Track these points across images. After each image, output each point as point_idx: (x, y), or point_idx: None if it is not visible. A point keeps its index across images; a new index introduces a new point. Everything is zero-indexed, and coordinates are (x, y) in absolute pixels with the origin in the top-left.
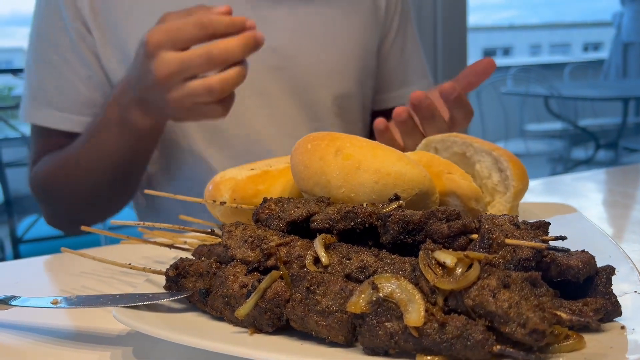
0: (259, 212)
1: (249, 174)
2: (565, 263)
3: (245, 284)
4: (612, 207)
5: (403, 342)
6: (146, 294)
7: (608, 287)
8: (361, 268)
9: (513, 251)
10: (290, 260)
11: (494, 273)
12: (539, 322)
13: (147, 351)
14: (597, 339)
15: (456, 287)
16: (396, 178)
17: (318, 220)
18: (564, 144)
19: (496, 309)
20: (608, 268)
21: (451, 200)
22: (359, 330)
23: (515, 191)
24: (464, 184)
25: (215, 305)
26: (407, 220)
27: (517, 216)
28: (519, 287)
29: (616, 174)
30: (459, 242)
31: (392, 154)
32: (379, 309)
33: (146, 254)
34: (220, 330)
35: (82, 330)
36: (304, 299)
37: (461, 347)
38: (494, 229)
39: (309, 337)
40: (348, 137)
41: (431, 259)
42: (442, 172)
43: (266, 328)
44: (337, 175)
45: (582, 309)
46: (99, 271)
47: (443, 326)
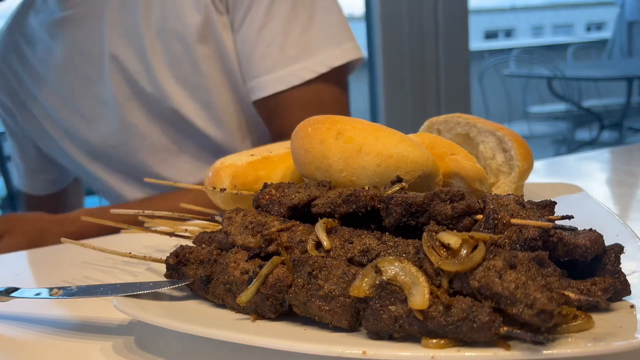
0: (259, 197)
1: (249, 159)
2: (572, 242)
3: (246, 271)
4: (617, 187)
5: (408, 326)
6: (147, 283)
7: (617, 265)
8: (364, 252)
9: (519, 231)
10: (291, 245)
11: (500, 254)
12: (547, 303)
13: (149, 340)
14: (606, 319)
15: (461, 269)
16: (398, 160)
17: (319, 205)
18: (567, 125)
19: (502, 290)
20: (616, 246)
21: (455, 182)
22: (363, 314)
23: (520, 171)
24: (468, 165)
25: (216, 293)
26: (410, 202)
27: (522, 196)
28: (526, 268)
29: (621, 153)
30: (463, 223)
31: (394, 136)
32: (382, 292)
33: (147, 242)
34: (222, 318)
35: (83, 320)
36: (306, 284)
37: (467, 329)
38: (499, 209)
39: (312, 323)
40: (349, 119)
41: (435, 241)
42: (446, 153)
43: (268, 314)
44: (338, 159)
45: (590, 288)
46: (100, 261)
47: (448, 309)
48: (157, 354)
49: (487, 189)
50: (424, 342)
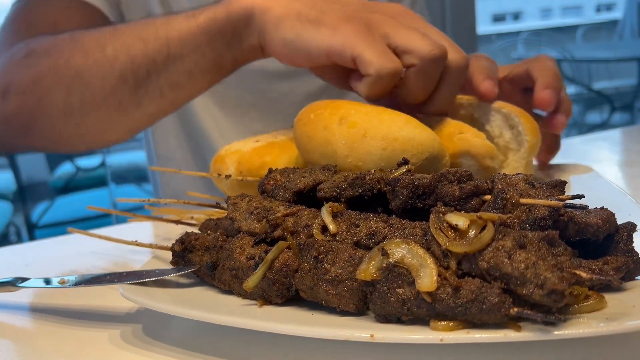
0: (264, 183)
1: (255, 145)
2: (583, 221)
3: (252, 256)
4: (629, 167)
5: (416, 308)
6: (153, 270)
7: (629, 244)
8: (370, 235)
9: (528, 210)
10: (297, 230)
11: (509, 234)
12: (558, 282)
13: (157, 328)
14: (618, 299)
15: (469, 250)
16: (404, 143)
17: (325, 189)
18: (578, 108)
19: (512, 271)
20: (629, 225)
21: (465, 161)
22: (370, 297)
23: (529, 145)
24: (478, 142)
25: (223, 279)
26: (416, 184)
27: (532, 175)
28: (536, 247)
29: (632, 133)
30: (471, 203)
31: (399, 118)
32: (389, 275)
33: (154, 231)
34: (229, 304)
35: (91, 309)
36: (313, 269)
37: (477, 311)
38: (507, 188)
39: (319, 307)
40: (352, 103)
41: (443, 222)
42: (454, 132)
43: (275, 299)
44: (343, 144)
45: (602, 267)
46: (108, 250)
47: (457, 290)
48: (165, 341)
49: (499, 165)
50: (432, 325)
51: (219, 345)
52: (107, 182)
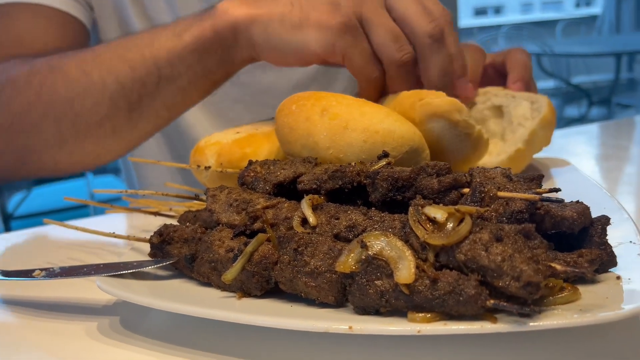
0: (244, 175)
1: (235, 137)
2: (559, 214)
3: (231, 248)
4: (605, 161)
5: (394, 300)
6: (130, 262)
7: (603, 237)
8: (350, 227)
9: (506, 204)
10: (277, 222)
11: (486, 227)
12: (533, 275)
13: (134, 320)
14: (592, 290)
15: (447, 242)
16: (385, 136)
17: (305, 181)
18: (557, 102)
19: (489, 263)
20: (603, 218)
21: (436, 124)
22: (349, 289)
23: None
24: (440, 102)
25: (201, 271)
26: (396, 177)
27: (509, 169)
28: (512, 240)
29: (609, 127)
30: (450, 196)
31: (380, 111)
32: (368, 267)
33: (133, 223)
34: (207, 296)
35: (67, 301)
36: (292, 261)
37: (454, 302)
38: (485, 182)
39: (298, 299)
40: (334, 95)
41: (421, 215)
42: (414, 102)
43: (254, 292)
44: (324, 136)
45: (577, 260)
46: (85, 242)
47: (434, 282)
48: (143, 333)
49: (468, 116)
50: (410, 317)
51: (198, 338)
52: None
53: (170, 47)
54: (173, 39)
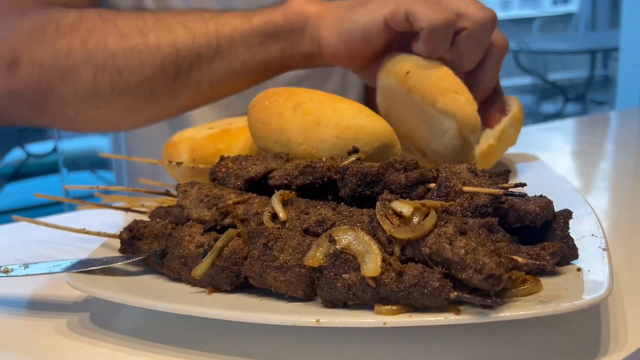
0: (215, 170)
1: (208, 132)
2: (522, 208)
3: (201, 244)
4: (580, 156)
5: (361, 293)
6: (100, 258)
7: (565, 230)
8: (319, 222)
9: (470, 198)
10: (247, 218)
11: (451, 220)
12: (495, 267)
13: (105, 316)
14: (554, 282)
15: (413, 236)
16: (357, 132)
17: (276, 177)
18: (533, 98)
19: (453, 256)
20: (565, 212)
21: (447, 122)
22: (318, 283)
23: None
24: (468, 110)
25: (171, 267)
26: (365, 172)
27: (475, 164)
28: (476, 234)
29: (584, 123)
30: (416, 191)
31: (352, 107)
32: (336, 261)
33: (105, 219)
34: (178, 291)
35: (37, 298)
36: (262, 256)
37: (418, 295)
38: (451, 177)
39: (268, 294)
40: (307, 91)
41: (388, 209)
42: (450, 89)
43: (224, 287)
44: (296, 131)
45: (539, 253)
46: (56, 239)
47: (400, 275)
48: (114, 329)
49: (475, 141)
50: (376, 309)
51: (168, 333)
52: (59, 169)
53: (237, 24)
54: (241, 18)
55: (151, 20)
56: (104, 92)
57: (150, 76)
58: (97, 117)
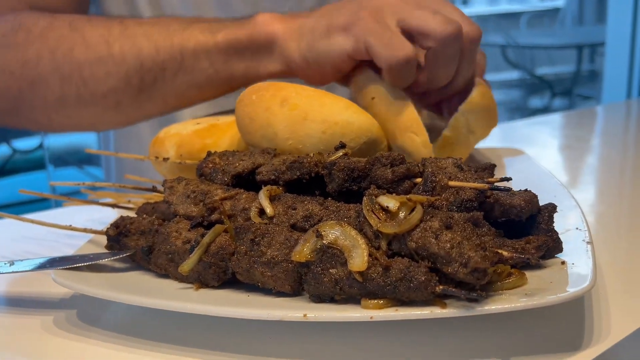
0: (202, 166)
1: (195, 128)
2: (508, 202)
3: (188, 240)
4: (567, 150)
5: (348, 288)
6: (87, 255)
7: (550, 224)
8: (306, 217)
9: (456, 193)
10: (235, 213)
11: (437, 215)
12: (480, 261)
13: (92, 313)
14: (538, 275)
15: (399, 231)
16: (344, 127)
17: (263, 172)
18: (520, 93)
19: (438, 250)
20: (550, 206)
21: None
22: (305, 278)
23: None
24: (423, 152)
25: (158, 263)
26: (352, 167)
27: (461, 159)
28: (461, 228)
29: (571, 117)
30: (403, 186)
31: (339, 102)
32: (323, 256)
33: (91, 216)
34: (165, 288)
35: (22, 295)
36: (249, 251)
37: (404, 289)
38: (437, 171)
39: (255, 289)
40: (294, 86)
41: (375, 204)
42: (408, 129)
43: (212, 282)
44: (283, 127)
45: (524, 246)
46: (42, 236)
47: (387, 270)
48: (101, 326)
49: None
50: (363, 303)
51: (156, 330)
52: (45, 165)
53: (202, 40)
54: (206, 33)
55: (117, 30)
56: (71, 102)
57: (115, 87)
58: (69, 124)
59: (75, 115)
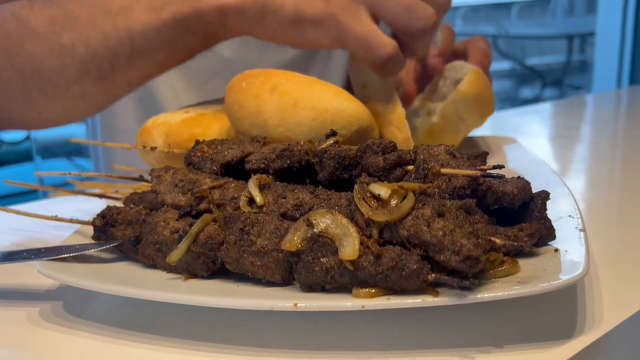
0: (190, 155)
1: (183, 117)
2: (500, 190)
3: (176, 230)
4: (558, 139)
5: (339, 277)
6: (73, 246)
7: (543, 211)
8: (297, 206)
9: (448, 180)
10: (223, 202)
11: (429, 202)
12: (473, 249)
13: (78, 305)
14: (531, 263)
15: (390, 219)
16: (334, 114)
17: (253, 161)
18: (511, 83)
19: (430, 238)
20: (543, 193)
21: None
22: (295, 268)
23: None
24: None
25: (146, 253)
26: (342, 155)
27: (453, 146)
28: (454, 215)
29: (561, 107)
30: (394, 174)
31: (329, 89)
32: (314, 245)
33: (79, 206)
34: (153, 278)
35: (7, 287)
36: (238, 241)
37: (396, 277)
38: (429, 159)
39: (245, 279)
40: (284, 73)
41: (366, 192)
42: (391, 123)
43: (201, 273)
44: (273, 114)
45: (517, 234)
46: (28, 227)
47: (378, 258)
48: (88, 318)
49: None
50: (354, 292)
51: (144, 321)
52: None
53: (146, 21)
54: (149, 13)
55: (61, 18)
56: (38, 98)
57: (75, 78)
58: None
59: (46, 111)
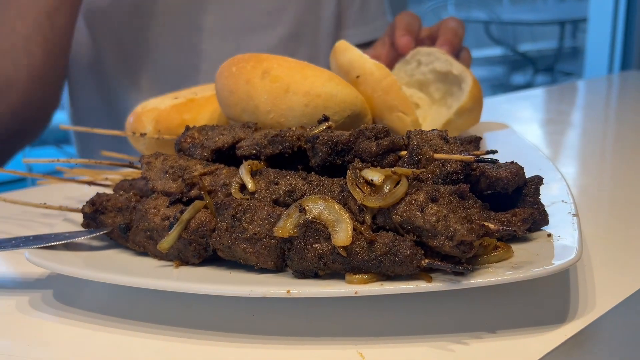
0: (181, 141)
1: (173, 102)
2: (494, 175)
3: (167, 217)
4: (549, 124)
5: (332, 263)
6: (62, 233)
7: (536, 197)
8: (289, 192)
9: (442, 165)
10: (215, 189)
11: (422, 188)
12: (467, 234)
13: (69, 293)
14: (524, 248)
15: (384, 204)
16: (327, 100)
17: (244, 147)
18: (503, 69)
19: (424, 223)
20: (536, 178)
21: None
22: (288, 254)
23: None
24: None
25: (137, 240)
26: (335, 141)
27: (446, 131)
28: (447, 201)
29: (552, 92)
30: (388, 159)
31: (322, 74)
32: (306, 231)
33: (68, 194)
34: (144, 266)
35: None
36: (230, 227)
37: (390, 263)
38: (422, 144)
39: (237, 266)
40: (275, 57)
41: (359, 178)
42: (396, 108)
43: (192, 260)
44: (265, 99)
45: (510, 219)
46: (17, 215)
47: (371, 244)
48: (78, 306)
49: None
50: (347, 278)
51: (135, 308)
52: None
53: None
54: None
55: None
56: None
57: None
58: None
59: None
